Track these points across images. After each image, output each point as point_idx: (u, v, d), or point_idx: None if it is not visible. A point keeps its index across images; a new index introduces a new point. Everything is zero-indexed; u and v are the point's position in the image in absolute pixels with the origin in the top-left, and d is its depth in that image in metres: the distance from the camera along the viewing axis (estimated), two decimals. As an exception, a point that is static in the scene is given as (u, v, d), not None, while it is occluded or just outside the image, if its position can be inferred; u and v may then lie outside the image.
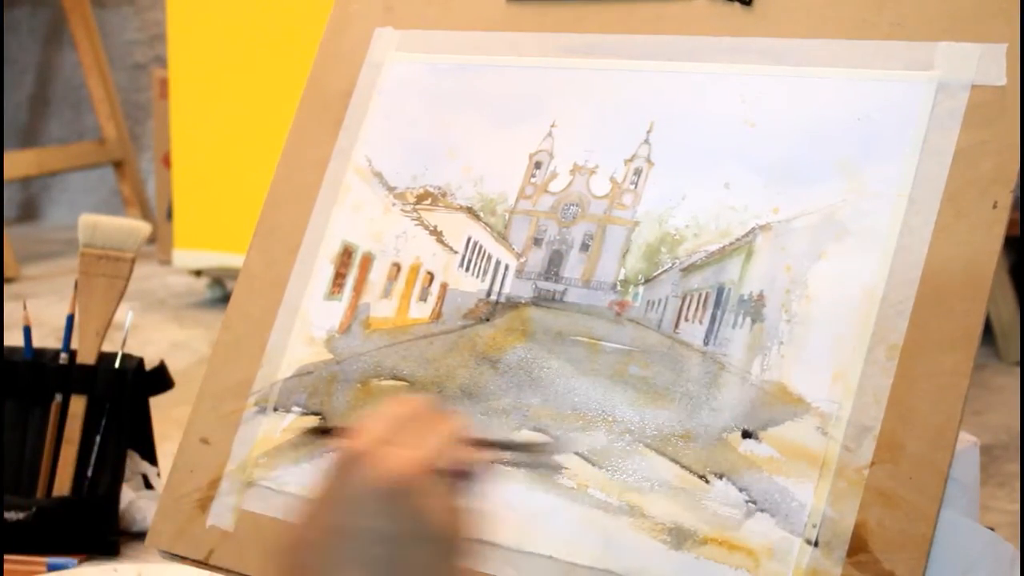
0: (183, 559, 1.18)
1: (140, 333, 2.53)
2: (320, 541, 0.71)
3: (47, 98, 4.28)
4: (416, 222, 1.20)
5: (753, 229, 1.05)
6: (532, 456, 0.94)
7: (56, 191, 4.27)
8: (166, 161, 3.16)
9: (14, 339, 1.53)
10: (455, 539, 0.73)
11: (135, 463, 1.52)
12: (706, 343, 1.03)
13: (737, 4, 1.11)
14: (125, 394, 1.48)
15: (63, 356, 1.50)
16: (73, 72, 4.15)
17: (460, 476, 0.74)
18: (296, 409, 1.17)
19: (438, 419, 0.76)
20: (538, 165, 1.16)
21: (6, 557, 1.40)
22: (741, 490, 0.98)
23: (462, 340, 1.13)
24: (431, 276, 1.17)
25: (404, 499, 0.71)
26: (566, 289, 1.11)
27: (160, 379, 1.54)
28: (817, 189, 1.03)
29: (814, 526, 0.95)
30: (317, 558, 0.70)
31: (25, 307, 1.55)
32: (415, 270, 1.18)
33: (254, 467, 1.17)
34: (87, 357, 1.49)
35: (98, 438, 1.47)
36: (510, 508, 1.05)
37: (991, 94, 0.99)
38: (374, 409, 0.75)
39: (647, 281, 1.08)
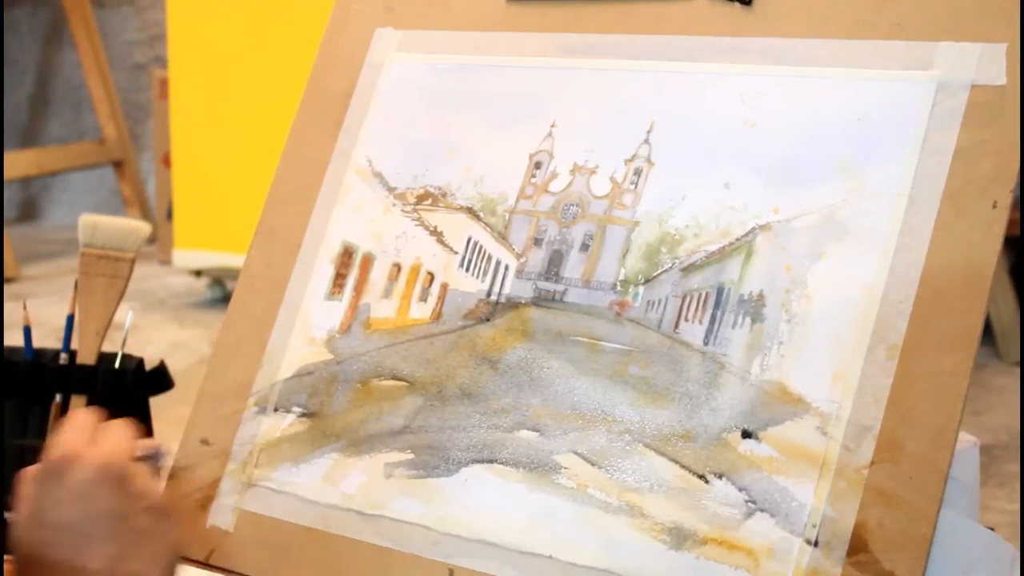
0: (183, 559, 1.18)
1: (140, 333, 2.53)
2: (54, 539, 0.88)
3: (47, 98, 4.28)
4: (416, 222, 1.20)
5: (753, 229, 1.05)
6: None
7: (56, 191, 4.27)
8: (166, 161, 3.16)
9: (14, 339, 1.53)
10: (166, 505, 0.93)
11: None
12: (706, 343, 1.03)
13: (737, 4, 1.11)
14: (125, 394, 1.48)
15: (63, 356, 1.50)
16: (73, 72, 4.15)
17: (151, 458, 0.98)
18: (296, 409, 1.17)
19: (111, 424, 0.96)
20: (538, 165, 1.16)
21: (6, 557, 1.40)
22: (741, 490, 0.98)
23: (462, 340, 1.13)
24: (431, 276, 1.17)
25: (119, 480, 0.91)
26: (566, 289, 1.11)
27: (160, 379, 1.53)
28: (817, 189, 1.03)
29: (814, 526, 0.95)
30: (57, 552, 0.87)
31: (25, 307, 1.54)
32: (415, 270, 1.18)
33: (254, 467, 1.17)
34: (87, 357, 1.49)
35: (98, 438, 1.47)
36: (510, 508, 1.05)
37: (991, 94, 0.99)
38: (60, 427, 0.94)
39: (647, 281, 1.08)
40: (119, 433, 0.95)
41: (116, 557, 0.89)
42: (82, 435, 0.93)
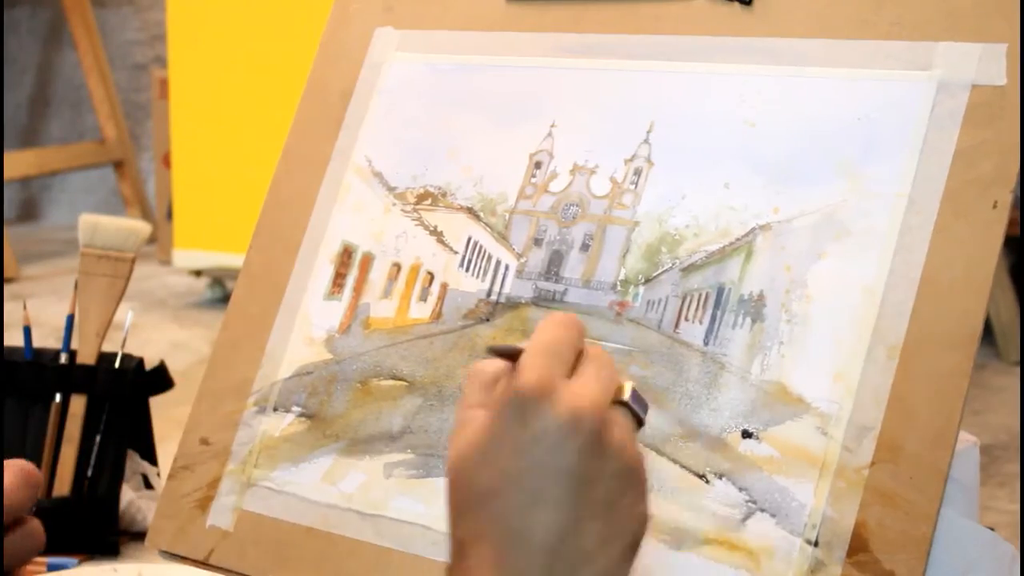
0: (183, 559, 1.18)
1: (140, 333, 2.53)
2: (499, 486, 0.69)
3: (47, 98, 4.28)
4: (416, 222, 1.20)
5: (753, 229, 1.05)
6: None
7: (56, 191, 4.27)
8: (166, 161, 3.16)
9: (14, 339, 1.54)
10: (639, 471, 0.72)
11: (135, 463, 1.52)
12: (706, 343, 1.03)
13: (737, 4, 1.11)
14: (125, 394, 1.48)
15: (63, 356, 1.50)
16: (73, 72, 4.15)
17: (637, 407, 0.74)
18: (296, 409, 1.17)
19: (593, 352, 0.75)
20: (538, 165, 1.16)
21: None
22: (741, 490, 0.98)
23: (462, 340, 1.13)
24: (431, 276, 1.17)
25: (595, 433, 0.70)
26: (566, 289, 1.11)
27: (160, 379, 1.54)
28: (817, 189, 1.03)
29: (814, 526, 0.95)
30: (497, 504, 0.69)
31: (25, 307, 1.55)
32: (415, 270, 1.18)
33: (254, 467, 1.17)
34: (87, 357, 1.49)
35: (98, 438, 1.47)
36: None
37: (991, 94, 0.99)
38: (532, 335, 0.74)
39: (647, 281, 1.08)
40: (602, 365, 0.74)
41: (565, 530, 0.69)
42: (560, 361, 0.72)
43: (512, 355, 0.74)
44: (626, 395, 0.74)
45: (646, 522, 0.73)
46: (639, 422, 0.74)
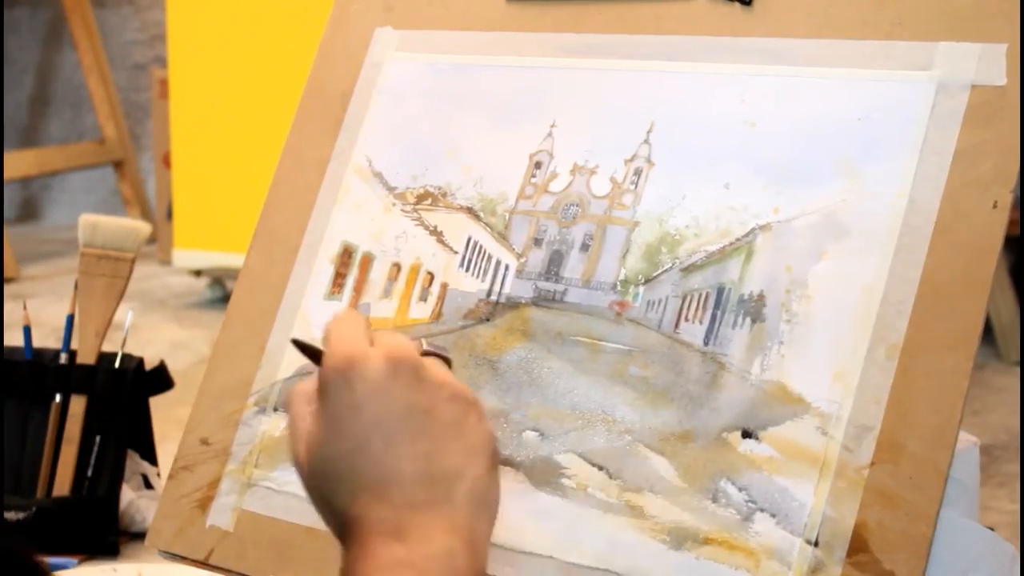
0: (183, 559, 1.18)
1: (140, 333, 2.53)
2: (353, 447, 0.77)
3: (47, 98, 4.28)
4: (416, 222, 1.20)
5: (753, 229, 1.05)
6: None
7: (56, 191, 4.27)
8: (166, 161, 3.16)
9: (14, 339, 1.54)
10: (470, 395, 0.81)
11: (135, 463, 1.52)
12: (706, 343, 1.03)
13: (737, 4, 1.11)
14: (125, 394, 1.48)
15: (63, 356, 1.50)
16: (73, 72, 4.15)
17: (438, 351, 0.85)
18: (296, 409, 1.17)
19: (380, 330, 0.85)
20: (538, 165, 1.16)
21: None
22: (741, 490, 0.98)
23: (462, 340, 1.13)
24: (431, 276, 1.17)
25: (414, 371, 0.79)
26: (566, 289, 1.11)
27: (160, 379, 1.54)
28: (817, 189, 1.03)
29: (814, 526, 0.95)
30: (359, 462, 0.76)
31: (25, 307, 1.55)
32: (415, 270, 1.18)
33: (254, 467, 1.17)
34: (87, 357, 1.49)
35: (98, 438, 1.47)
36: (510, 508, 1.05)
37: (991, 94, 0.99)
38: (327, 336, 0.82)
39: (647, 281, 1.08)
40: (394, 334, 0.83)
41: (429, 454, 0.77)
42: (358, 336, 0.81)
43: (316, 353, 0.82)
44: (425, 347, 0.84)
45: (494, 437, 0.81)
46: (448, 363, 0.85)
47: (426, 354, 0.82)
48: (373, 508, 0.75)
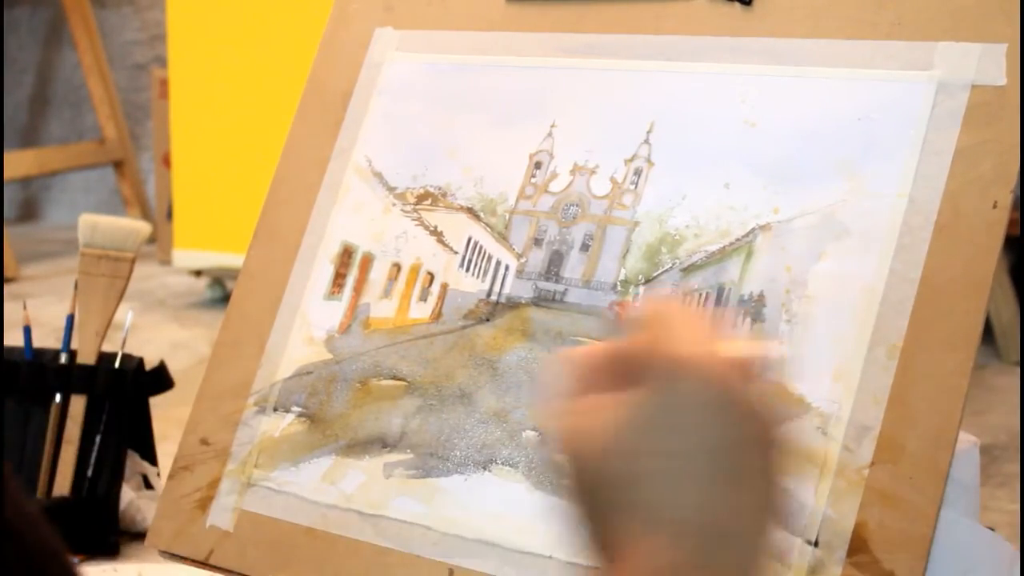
0: (183, 559, 1.18)
1: (140, 333, 2.53)
2: (637, 475, 0.60)
3: (47, 98, 4.28)
4: (416, 222, 1.20)
5: (753, 229, 1.05)
6: None
7: (56, 191, 4.27)
8: (166, 161, 3.16)
9: (14, 339, 1.53)
10: (785, 437, 0.62)
11: (135, 463, 1.52)
12: (706, 343, 1.03)
13: (737, 4, 1.11)
14: (125, 394, 1.48)
15: (63, 356, 1.50)
16: (73, 72, 4.15)
17: (766, 368, 0.63)
18: (296, 409, 1.17)
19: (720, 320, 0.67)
20: (538, 165, 1.16)
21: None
22: (741, 490, 0.98)
23: (462, 340, 1.13)
24: (431, 276, 1.17)
25: (738, 399, 0.61)
26: (566, 289, 1.11)
27: (160, 379, 1.54)
28: (817, 189, 1.03)
29: (814, 526, 0.95)
30: (635, 493, 0.60)
31: (25, 307, 1.55)
32: (415, 270, 1.18)
33: (254, 467, 1.17)
34: (87, 357, 1.49)
35: (98, 438, 1.47)
36: (510, 508, 1.05)
37: (991, 94, 0.99)
38: (659, 314, 0.63)
39: (647, 281, 1.08)
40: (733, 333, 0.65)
41: (708, 505, 0.59)
42: (693, 329, 0.62)
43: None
44: (761, 362, 0.63)
45: (788, 492, 0.64)
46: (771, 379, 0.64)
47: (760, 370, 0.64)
48: (643, 553, 0.60)
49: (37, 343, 1.52)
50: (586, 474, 0.63)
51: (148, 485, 1.53)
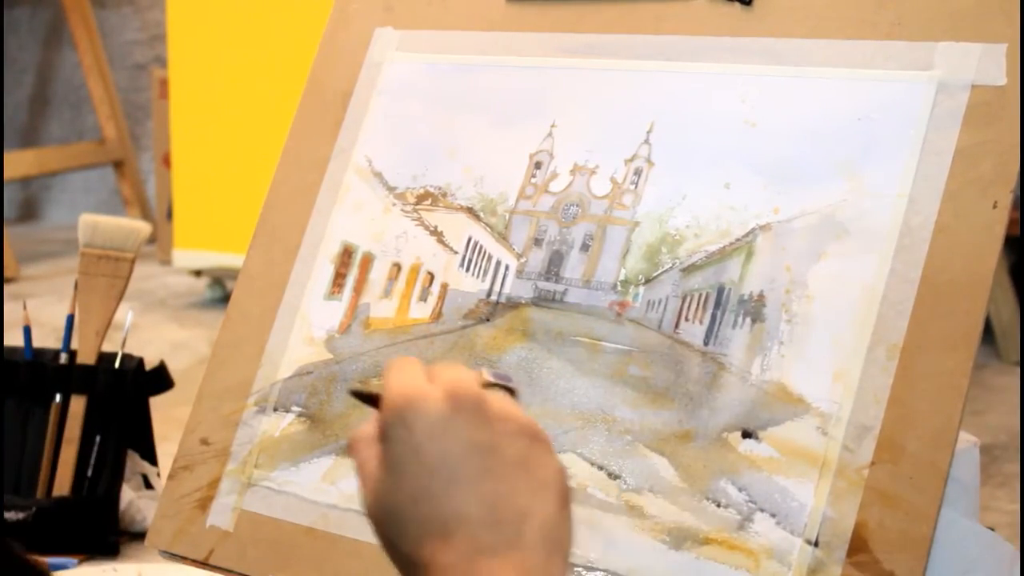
0: (183, 559, 1.18)
1: (140, 333, 2.53)
2: (417, 491, 0.73)
3: (47, 98, 4.28)
4: (416, 222, 1.20)
5: (753, 229, 1.05)
6: None
7: (56, 191, 4.27)
8: (166, 161, 3.16)
9: (14, 339, 1.53)
10: (536, 428, 0.75)
11: (135, 463, 1.52)
12: (706, 343, 1.03)
13: (737, 4, 1.11)
14: (125, 394, 1.48)
15: (63, 356, 1.50)
16: (73, 72, 4.15)
17: (502, 383, 0.79)
18: (296, 409, 1.17)
19: (448, 365, 0.79)
20: (538, 165, 1.16)
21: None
22: (741, 490, 0.98)
23: (462, 340, 1.13)
24: (431, 276, 1.17)
25: (476, 406, 0.74)
26: (566, 289, 1.11)
27: (160, 379, 1.54)
28: (817, 189, 1.03)
29: (814, 526, 0.95)
30: (424, 507, 0.72)
31: (25, 307, 1.55)
32: (415, 270, 1.18)
33: (254, 467, 1.17)
34: (87, 357, 1.49)
35: (98, 438, 1.47)
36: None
37: (991, 94, 0.99)
38: (385, 380, 0.78)
39: (647, 281, 1.08)
40: (454, 367, 0.79)
41: (495, 494, 0.72)
42: (415, 377, 0.77)
43: (374, 398, 0.79)
44: (487, 378, 0.78)
45: (563, 472, 0.75)
46: (512, 393, 0.79)
47: (488, 385, 0.78)
48: (440, 554, 0.72)
49: (37, 343, 1.52)
50: (370, 519, 0.75)
51: (148, 485, 1.53)
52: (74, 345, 1.50)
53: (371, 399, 0.81)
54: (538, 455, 0.74)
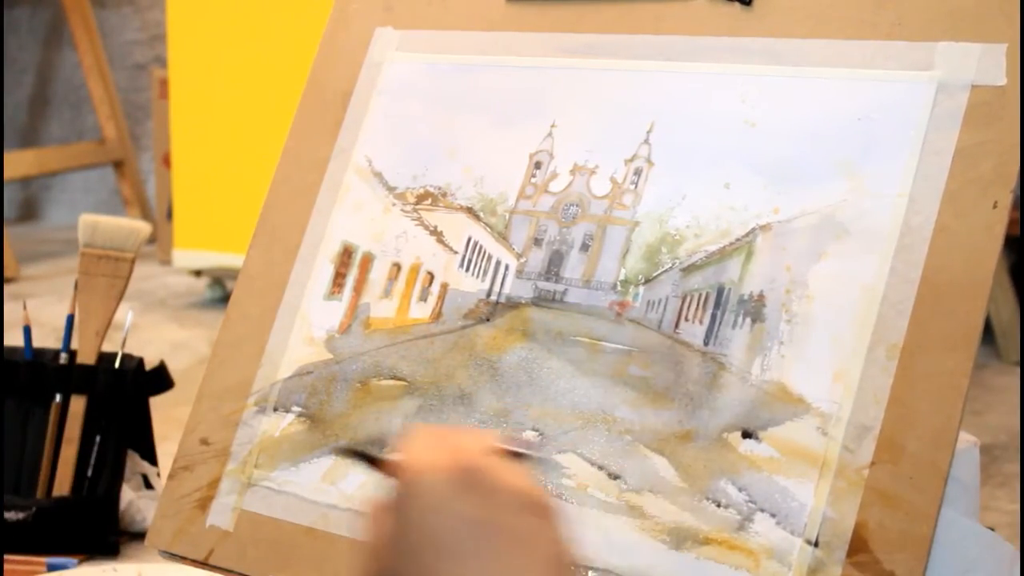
0: (183, 559, 1.18)
1: (140, 333, 2.53)
2: (420, 567, 0.72)
3: (47, 98, 4.28)
4: (416, 222, 1.20)
5: (753, 229, 1.05)
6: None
7: (56, 191, 4.27)
8: (166, 161, 3.16)
9: (14, 339, 1.53)
10: (540, 498, 0.75)
11: (135, 463, 1.52)
12: (706, 343, 1.03)
13: (737, 4, 1.11)
14: (125, 394, 1.48)
15: (63, 356, 1.50)
16: (73, 72, 4.15)
17: (517, 456, 0.77)
18: (296, 409, 1.17)
19: (465, 430, 0.79)
20: (538, 165, 1.16)
21: (6, 557, 1.40)
22: (741, 490, 0.98)
23: (462, 340, 1.13)
24: (431, 276, 1.17)
25: (476, 479, 0.73)
26: (566, 289, 1.11)
27: (160, 379, 1.54)
28: (817, 189, 1.03)
29: (814, 526, 0.95)
30: (410, 568, 0.72)
31: (25, 307, 1.55)
32: (415, 270, 1.18)
33: (254, 467, 1.17)
34: (87, 357, 1.49)
35: (98, 438, 1.47)
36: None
37: (991, 94, 0.99)
38: (405, 441, 0.77)
39: (647, 281, 1.08)
40: (471, 434, 0.79)
41: (492, 570, 0.72)
42: (430, 445, 0.77)
43: (378, 462, 0.79)
44: (503, 446, 0.77)
45: (567, 547, 0.74)
46: (530, 458, 0.78)
47: (504, 453, 0.77)
48: None
49: (37, 343, 1.52)
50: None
51: (148, 485, 1.53)
52: (74, 345, 1.50)
53: (375, 462, 0.81)
54: (541, 531, 0.74)
